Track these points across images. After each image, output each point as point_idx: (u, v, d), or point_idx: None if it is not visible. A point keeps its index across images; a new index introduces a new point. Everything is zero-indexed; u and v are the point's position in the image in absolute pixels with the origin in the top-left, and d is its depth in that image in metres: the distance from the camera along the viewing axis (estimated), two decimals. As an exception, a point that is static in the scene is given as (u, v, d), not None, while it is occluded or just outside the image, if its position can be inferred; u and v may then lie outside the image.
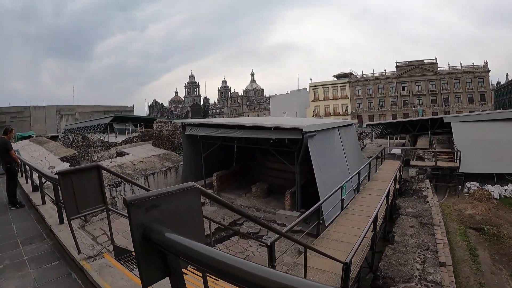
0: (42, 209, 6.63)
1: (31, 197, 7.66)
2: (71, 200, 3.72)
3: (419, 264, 8.34)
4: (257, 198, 15.73)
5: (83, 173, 3.91)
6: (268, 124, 13.12)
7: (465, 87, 56.12)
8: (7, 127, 7.73)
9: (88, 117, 62.96)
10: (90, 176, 3.94)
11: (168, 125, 22.61)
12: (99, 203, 4.13)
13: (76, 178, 3.72)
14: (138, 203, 1.56)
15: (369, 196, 12.26)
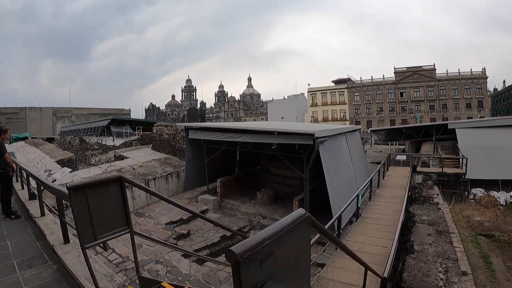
0: (41, 222, 5.81)
1: (28, 206, 6.84)
2: (86, 223, 2.85)
3: (442, 274, 7.94)
4: (262, 205, 15.25)
5: (101, 187, 3.03)
6: (278, 129, 12.69)
7: (463, 94, 56.26)
8: (2, 128, 6.95)
9: (84, 119, 62.24)
10: (110, 191, 3.10)
11: (169, 128, 22.09)
12: (122, 225, 3.25)
13: (92, 194, 2.88)
14: (250, 256, 1.13)
15: (383, 203, 11.86)
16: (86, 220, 2.86)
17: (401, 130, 28.32)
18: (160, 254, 10.79)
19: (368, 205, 11.85)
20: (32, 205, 6.84)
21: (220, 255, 11.80)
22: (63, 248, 4.53)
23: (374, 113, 62.92)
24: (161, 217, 14.33)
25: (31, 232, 5.60)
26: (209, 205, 15.50)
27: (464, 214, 17.11)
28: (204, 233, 13.01)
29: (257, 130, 13.12)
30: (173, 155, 21.20)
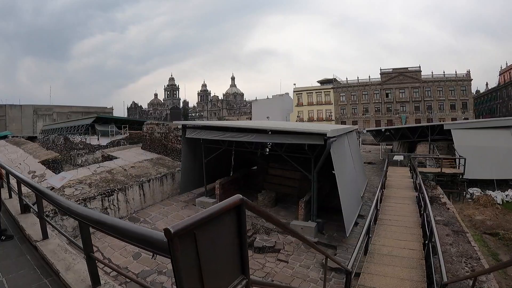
0: (45, 249, 4.23)
1: (22, 223, 5.30)
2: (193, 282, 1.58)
3: (470, 274, 7.67)
4: (264, 207, 14.56)
5: (217, 221, 1.76)
6: (288, 128, 12.08)
7: (447, 95, 57.22)
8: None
9: (66, 117, 60.01)
10: (226, 224, 1.84)
11: (161, 127, 21.14)
12: (235, 273, 1.92)
13: (204, 235, 1.62)
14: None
15: (397, 204, 11.50)
16: (193, 278, 1.58)
17: (397, 130, 28.32)
18: (163, 264, 9.91)
19: (381, 207, 11.40)
20: (27, 221, 5.39)
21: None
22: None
23: (360, 113, 63.27)
24: (158, 222, 13.48)
25: (33, 263, 4.09)
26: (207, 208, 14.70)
27: (465, 214, 17.14)
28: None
29: (264, 129, 12.45)
30: (165, 155, 20.27)
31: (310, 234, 12.20)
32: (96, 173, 16.27)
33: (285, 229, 3.69)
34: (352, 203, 13.90)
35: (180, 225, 1.48)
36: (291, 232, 3.55)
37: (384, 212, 10.75)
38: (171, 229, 1.42)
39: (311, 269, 10.49)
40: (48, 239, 4.54)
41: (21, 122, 59.71)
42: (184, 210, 14.74)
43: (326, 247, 12.03)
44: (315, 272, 10.31)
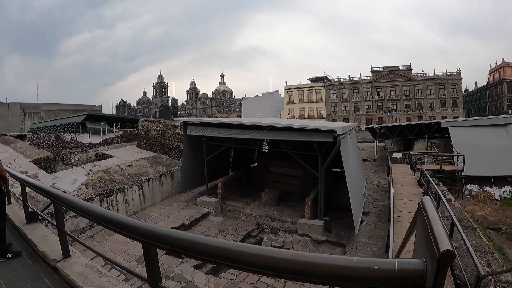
0: (70, 271, 3.32)
1: (31, 236, 4.26)
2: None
3: (487, 267, 7.56)
4: (268, 206, 14.28)
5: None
6: (296, 125, 11.82)
7: (438, 93, 57.79)
8: None
9: (54, 115, 58.72)
10: None
11: (157, 124, 20.60)
12: None
13: None
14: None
15: (405, 201, 11.26)
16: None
17: (395, 128, 28.40)
18: (169, 268, 9.43)
19: (392, 204, 11.19)
20: (36, 233, 4.37)
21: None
22: None
23: (351, 111, 63.48)
24: (160, 223, 13.01)
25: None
26: (210, 207, 14.30)
27: (466, 210, 17.13)
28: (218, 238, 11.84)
29: (272, 126, 12.14)
30: (162, 153, 19.74)
31: (318, 233, 12.00)
32: (92, 173, 15.72)
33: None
34: (358, 201, 13.76)
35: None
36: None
37: (398, 209, 10.57)
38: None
39: None
40: (71, 258, 3.61)
41: (8, 121, 58.30)
42: (186, 210, 14.32)
43: (334, 246, 11.84)
44: None
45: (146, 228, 2.06)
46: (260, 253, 1.53)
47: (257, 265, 1.54)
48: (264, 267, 1.51)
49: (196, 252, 1.79)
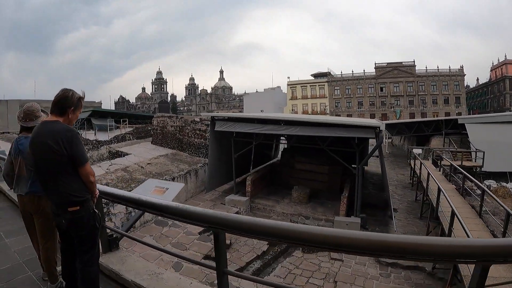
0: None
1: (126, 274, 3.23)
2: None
3: None
4: (299, 204, 13.97)
5: None
6: (338, 121, 11.52)
7: (441, 90, 57.77)
8: (72, 96, 3.77)
9: (52, 112, 57.65)
10: None
11: (174, 120, 20.14)
12: None
13: None
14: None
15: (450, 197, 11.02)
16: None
17: (412, 124, 28.26)
18: (211, 274, 8.83)
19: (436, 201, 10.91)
20: (126, 268, 3.34)
21: (271, 265, 10.41)
22: None
23: (355, 107, 63.28)
24: (190, 225, 12.58)
25: None
26: (239, 207, 13.89)
27: (489, 205, 17.02)
28: (247, 241, 11.40)
29: (310, 122, 11.81)
30: (180, 150, 19.32)
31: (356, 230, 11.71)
32: (110, 172, 15.33)
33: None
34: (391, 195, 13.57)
35: None
36: None
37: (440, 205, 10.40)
38: None
39: (368, 266, 10.14)
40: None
41: (7, 118, 56.95)
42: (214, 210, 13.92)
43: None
44: (373, 269, 9.97)
45: (215, 216, 2.26)
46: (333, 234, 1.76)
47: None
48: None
49: (266, 234, 1.99)
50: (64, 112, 2.52)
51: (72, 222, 2.51)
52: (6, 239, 4.61)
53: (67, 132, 2.42)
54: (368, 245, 1.66)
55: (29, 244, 4.02)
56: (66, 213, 2.48)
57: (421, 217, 14.12)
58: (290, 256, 10.67)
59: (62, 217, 2.52)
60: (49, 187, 2.50)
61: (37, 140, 2.43)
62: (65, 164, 2.42)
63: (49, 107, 12.00)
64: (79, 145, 2.46)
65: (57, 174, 2.43)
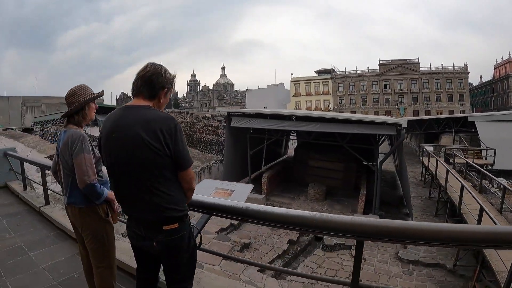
0: None
1: None
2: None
3: None
4: (316, 202, 13.90)
5: None
6: (359, 118, 11.43)
7: (445, 87, 57.66)
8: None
9: (55, 109, 57.58)
10: None
11: (184, 116, 20.05)
12: None
13: None
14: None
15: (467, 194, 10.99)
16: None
17: (423, 121, 28.22)
18: (234, 274, 8.59)
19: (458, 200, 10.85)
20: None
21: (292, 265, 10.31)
22: None
23: (358, 104, 63.17)
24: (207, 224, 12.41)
25: None
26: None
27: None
28: (267, 240, 11.27)
29: (330, 118, 11.71)
30: (191, 147, 19.21)
31: (375, 229, 11.65)
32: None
33: None
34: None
35: None
36: None
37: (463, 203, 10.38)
38: None
39: (390, 263, 10.11)
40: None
41: (8, 114, 57.10)
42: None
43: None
44: (395, 267, 9.94)
45: (360, 223, 1.84)
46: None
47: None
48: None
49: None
50: (155, 95, 1.86)
51: (168, 246, 1.85)
52: (30, 252, 3.77)
53: (170, 121, 1.74)
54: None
55: (61, 258, 3.62)
56: (160, 234, 1.81)
57: (436, 215, 14.07)
58: (311, 255, 10.60)
59: (153, 239, 1.84)
60: (134, 200, 1.82)
61: (119, 133, 1.76)
62: (165, 167, 1.76)
63: (50, 103, 11.67)
64: (184, 140, 1.83)
65: (151, 180, 1.74)
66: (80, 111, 2.37)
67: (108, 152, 1.84)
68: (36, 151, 17.90)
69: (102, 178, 2.40)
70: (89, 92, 2.38)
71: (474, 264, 9.64)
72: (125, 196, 1.87)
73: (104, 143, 1.85)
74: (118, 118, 1.81)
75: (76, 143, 2.23)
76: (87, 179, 2.17)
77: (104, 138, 1.85)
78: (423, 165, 19.72)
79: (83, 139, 2.26)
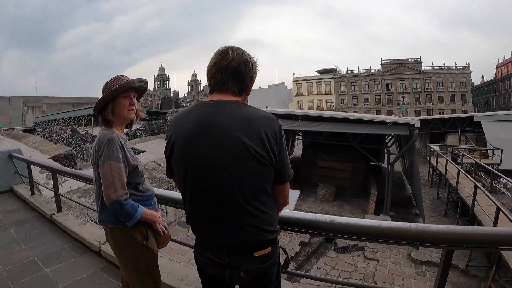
0: None
1: None
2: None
3: None
4: (326, 202, 13.82)
5: None
6: (371, 118, 11.34)
7: (447, 87, 57.53)
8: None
9: (56, 109, 57.58)
10: None
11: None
12: None
13: None
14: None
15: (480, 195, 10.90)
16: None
17: (429, 121, 28.16)
18: None
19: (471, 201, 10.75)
20: None
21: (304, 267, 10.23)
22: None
23: (360, 103, 62.99)
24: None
25: None
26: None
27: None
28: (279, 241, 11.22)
29: (342, 118, 11.61)
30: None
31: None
32: (127, 171, 14.92)
33: None
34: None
35: None
36: None
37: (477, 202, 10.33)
38: None
39: (403, 265, 10.14)
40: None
41: (9, 115, 57.02)
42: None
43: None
44: (408, 268, 9.97)
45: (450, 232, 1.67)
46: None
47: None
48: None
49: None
50: (245, 88, 1.48)
51: (258, 275, 1.46)
52: (46, 268, 3.24)
53: (274, 122, 1.37)
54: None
55: (83, 275, 3.09)
56: (250, 261, 1.43)
57: (446, 215, 13.99)
58: (324, 257, 10.52)
59: (240, 268, 1.44)
60: (222, 221, 1.41)
61: (209, 136, 1.36)
62: (268, 180, 1.40)
63: (51, 103, 11.26)
64: (286, 147, 1.44)
65: (252, 197, 1.37)
66: (105, 108, 1.91)
67: (187, 160, 1.41)
68: (39, 152, 17.73)
69: (143, 193, 1.98)
70: (117, 84, 1.91)
71: (486, 264, 9.61)
72: (207, 217, 1.45)
73: (182, 149, 1.42)
74: (203, 117, 1.39)
75: (102, 148, 1.80)
76: (112, 194, 1.73)
77: (182, 141, 1.41)
78: (430, 165, 19.60)
79: (111, 143, 1.80)
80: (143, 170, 2.00)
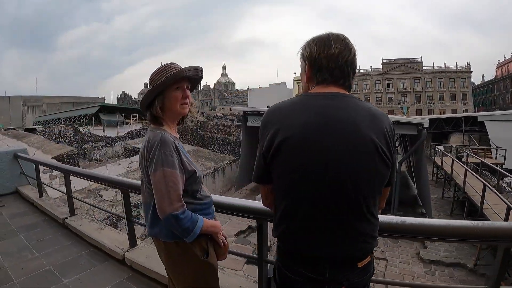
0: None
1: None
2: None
3: None
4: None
5: None
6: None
7: (448, 86, 57.73)
8: None
9: (56, 108, 57.46)
10: None
11: (195, 115, 19.82)
12: None
13: None
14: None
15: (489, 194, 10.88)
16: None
17: (433, 121, 28.19)
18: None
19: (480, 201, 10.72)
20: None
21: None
22: None
23: (361, 103, 63.14)
24: (223, 226, 12.20)
25: None
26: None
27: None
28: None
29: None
30: (202, 147, 18.98)
31: (393, 229, 11.56)
32: (131, 170, 14.89)
33: None
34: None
35: None
36: None
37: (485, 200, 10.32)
38: None
39: (412, 264, 10.01)
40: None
41: (9, 114, 56.92)
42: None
43: (412, 241, 11.40)
44: (417, 267, 9.82)
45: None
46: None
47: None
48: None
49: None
50: (350, 79, 1.31)
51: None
52: (64, 279, 2.93)
53: (389, 119, 1.26)
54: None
55: (107, 286, 2.84)
56: (353, 273, 1.23)
57: (452, 214, 13.96)
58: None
59: (341, 283, 1.23)
60: (332, 230, 1.21)
61: (334, 131, 1.16)
62: (385, 181, 1.26)
63: (51, 103, 11.26)
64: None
65: (372, 202, 1.21)
66: (153, 103, 1.62)
67: (300, 160, 1.18)
68: (41, 152, 17.55)
69: (201, 201, 1.71)
70: (167, 74, 1.60)
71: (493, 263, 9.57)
72: (315, 226, 1.23)
73: (299, 146, 1.17)
74: (324, 110, 1.18)
75: (153, 152, 1.52)
76: (167, 208, 1.48)
77: (297, 138, 1.17)
78: (434, 164, 19.58)
79: (163, 146, 1.52)
80: (201, 176, 1.76)
